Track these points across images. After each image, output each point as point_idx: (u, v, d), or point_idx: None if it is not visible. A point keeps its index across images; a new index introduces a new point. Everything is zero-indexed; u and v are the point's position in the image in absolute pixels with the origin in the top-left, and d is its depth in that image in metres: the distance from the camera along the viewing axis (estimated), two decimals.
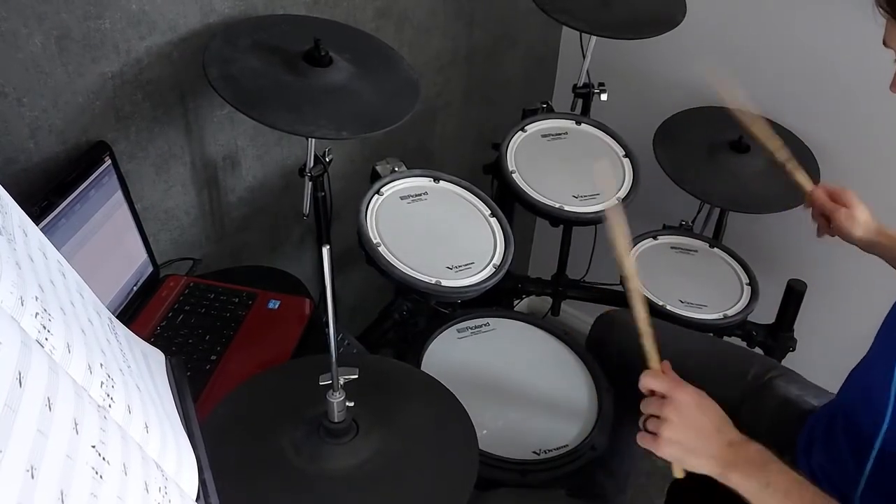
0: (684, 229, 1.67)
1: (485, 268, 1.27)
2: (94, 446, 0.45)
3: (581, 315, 2.28)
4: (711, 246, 1.63)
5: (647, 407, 0.90)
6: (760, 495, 0.84)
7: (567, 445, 1.17)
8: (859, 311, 1.26)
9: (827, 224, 1.21)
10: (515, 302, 2.15)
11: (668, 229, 1.66)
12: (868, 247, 1.16)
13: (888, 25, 0.91)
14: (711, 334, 1.50)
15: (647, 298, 1.40)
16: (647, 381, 0.91)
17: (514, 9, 1.82)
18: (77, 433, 0.44)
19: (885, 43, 0.93)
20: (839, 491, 0.97)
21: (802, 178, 1.25)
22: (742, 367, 1.25)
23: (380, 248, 1.21)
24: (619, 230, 0.94)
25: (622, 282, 1.26)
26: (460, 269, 1.25)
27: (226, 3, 1.21)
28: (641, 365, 0.93)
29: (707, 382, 1.25)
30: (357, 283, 1.76)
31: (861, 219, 1.17)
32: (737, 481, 0.85)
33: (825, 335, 1.76)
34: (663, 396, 0.89)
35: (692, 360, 1.29)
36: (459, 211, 1.36)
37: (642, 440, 0.90)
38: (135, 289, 1.18)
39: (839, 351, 1.36)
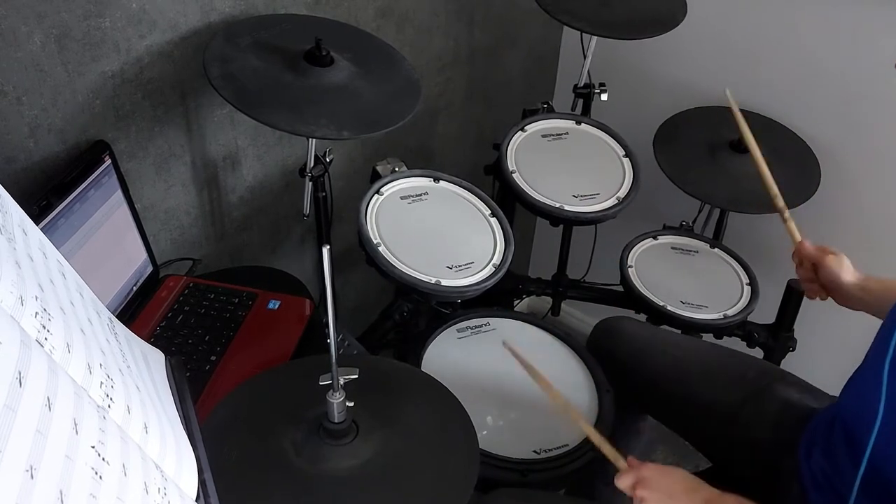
0: (685, 230, 1.67)
1: (485, 267, 1.26)
2: (93, 446, 0.45)
3: (581, 315, 2.28)
4: (712, 246, 1.63)
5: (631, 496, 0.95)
6: None
7: (567, 445, 1.17)
8: (859, 311, 1.26)
9: (814, 277, 1.21)
10: (515, 302, 2.15)
11: (668, 229, 1.66)
12: (857, 290, 1.16)
13: None
14: (711, 337, 1.50)
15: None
16: (619, 482, 0.96)
17: (515, 9, 1.82)
18: (76, 433, 0.44)
19: None
20: (837, 493, 0.97)
21: (794, 229, 1.25)
22: (741, 370, 1.26)
23: (380, 248, 1.21)
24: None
25: None
26: (460, 268, 1.25)
27: (227, 2, 1.21)
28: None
29: (708, 385, 1.26)
30: (357, 284, 1.76)
31: (847, 264, 1.17)
32: None
33: (825, 335, 1.76)
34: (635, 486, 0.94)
35: (692, 365, 1.30)
36: (459, 211, 1.36)
37: None
38: (134, 289, 1.17)
39: (839, 351, 1.36)
